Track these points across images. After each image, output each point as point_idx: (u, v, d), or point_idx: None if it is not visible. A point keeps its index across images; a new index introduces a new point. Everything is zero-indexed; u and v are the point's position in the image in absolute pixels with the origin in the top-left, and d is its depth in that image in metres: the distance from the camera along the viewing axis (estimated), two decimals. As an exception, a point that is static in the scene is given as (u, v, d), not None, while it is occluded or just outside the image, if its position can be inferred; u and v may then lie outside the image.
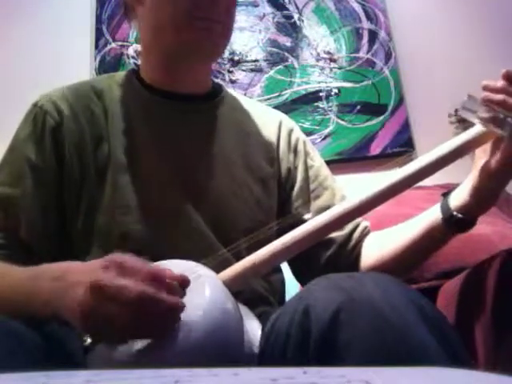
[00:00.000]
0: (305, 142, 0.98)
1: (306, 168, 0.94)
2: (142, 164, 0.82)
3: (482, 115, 0.67)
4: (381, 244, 0.86)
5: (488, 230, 1.16)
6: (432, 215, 0.78)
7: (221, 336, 0.57)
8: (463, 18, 2.05)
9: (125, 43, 2.04)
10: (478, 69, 1.91)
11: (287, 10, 2.05)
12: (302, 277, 0.92)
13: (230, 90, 1.00)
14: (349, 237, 0.89)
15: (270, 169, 0.92)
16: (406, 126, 1.89)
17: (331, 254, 0.88)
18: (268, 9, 2.06)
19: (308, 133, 1.82)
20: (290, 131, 0.97)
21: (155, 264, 0.59)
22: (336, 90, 1.94)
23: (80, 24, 2.07)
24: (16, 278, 0.66)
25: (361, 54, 1.99)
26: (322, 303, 0.53)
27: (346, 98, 1.93)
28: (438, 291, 0.98)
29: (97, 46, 2.03)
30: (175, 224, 0.79)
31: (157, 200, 0.80)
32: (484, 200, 0.73)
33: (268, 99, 1.93)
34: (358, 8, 2.04)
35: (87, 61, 2.01)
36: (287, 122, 0.99)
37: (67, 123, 0.82)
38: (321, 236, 0.75)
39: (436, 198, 0.81)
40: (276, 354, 0.57)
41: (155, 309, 0.54)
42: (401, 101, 1.92)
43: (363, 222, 0.91)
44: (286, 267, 0.92)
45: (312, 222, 0.71)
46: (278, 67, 1.98)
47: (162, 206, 0.80)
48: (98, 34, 2.05)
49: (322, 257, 0.88)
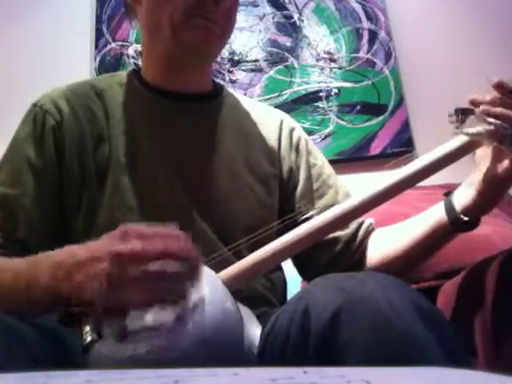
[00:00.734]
0: (306, 141, 0.98)
1: (309, 167, 0.94)
2: (142, 164, 0.82)
3: (481, 129, 0.67)
4: (387, 241, 0.87)
5: (488, 230, 1.16)
6: (437, 215, 0.78)
7: (220, 335, 0.57)
8: (463, 18, 2.05)
9: (125, 43, 2.04)
10: (477, 69, 1.92)
11: (287, 9, 2.05)
12: (308, 275, 0.92)
13: (230, 89, 1.00)
14: (354, 235, 0.89)
15: (272, 168, 0.92)
16: (406, 126, 1.89)
17: (337, 252, 0.88)
18: (268, 9, 2.05)
19: (308, 133, 1.79)
20: (292, 130, 0.97)
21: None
22: (336, 90, 1.94)
23: (80, 24, 2.07)
24: (16, 267, 0.66)
25: (361, 54, 1.99)
26: (322, 303, 0.53)
27: (345, 97, 1.93)
28: (438, 291, 0.98)
29: (97, 46, 2.03)
30: (177, 224, 0.79)
31: (158, 200, 0.80)
32: (488, 203, 0.74)
33: (268, 99, 1.93)
34: (357, 8, 2.04)
35: (87, 61, 2.01)
36: (288, 121, 0.99)
37: (67, 123, 0.82)
38: (321, 236, 0.75)
39: (435, 198, 0.81)
40: (276, 354, 0.57)
41: (178, 264, 0.54)
42: (401, 101, 1.92)
43: (367, 220, 0.92)
44: (286, 267, 0.92)
45: (312, 222, 0.71)
46: (278, 67, 1.98)
47: (162, 206, 0.80)
48: (98, 34, 2.05)
49: (328, 255, 0.88)
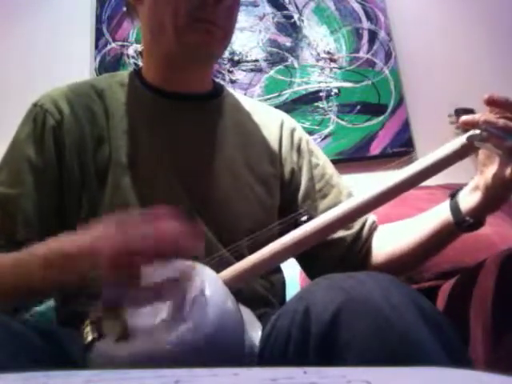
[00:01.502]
0: (308, 141, 0.98)
1: (311, 167, 0.94)
2: (143, 164, 0.82)
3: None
4: (393, 239, 0.87)
5: (488, 230, 1.16)
6: (442, 215, 0.78)
7: (221, 336, 0.57)
8: (463, 18, 2.05)
9: (125, 43, 2.04)
10: (477, 69, 1.92)
11: (287, 9, 2.05)
12: (314, 274, 0.92)
13: (231, 90, 0.99)
14: (358, 235, 0.89)
15: (272, 169, 0.91)
16: (406, 126, 1.89)
17: (342, 253, 0.88)
18: (268, 9, 2.05)
19: (308, 133, 1.78)
20: (293, 130, 0.97)
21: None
22: (336, 90, 1.94)
23: (80, 24, 2.07)
24: (14, 256, 0.68)
25: (361, 54, 1.99)
26: (322, 303, 0.53)
27: (345, 97, 1.93)
28: (438, 291, 0.98)
29: (97, 46, 2.03)
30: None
31: (158, 200, 0.80)
32: (493, 206, 0.74)
33: (268, 99, 1.93)
34: (357, 8, 2.04)
35: (87, 61, 2.01)
36: (289, 121, 0.99)
37: (68, 122, 0.82)
38: (321, 237, 0.75)
39: (437, 198, 0.81)
40: (276, 354, 0.57)
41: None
42: (401, 101, 1.92)
43: (370, 217, 0.91)
44: (286, 268, 0.92)
45: (312, 223, 0.71)
46: (278, 67, 1.98)
47: (163, 207, 0.80)
48: (98, 34, 2.05)
49: (333, 256, 0.88)
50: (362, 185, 0.72)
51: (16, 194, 0.78)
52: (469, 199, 0.75)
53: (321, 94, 1.94)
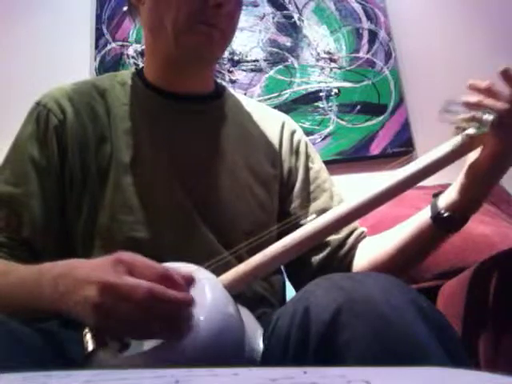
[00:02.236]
0: (307, 144, 0.98)
1: (307, 170, 0.95)
2: (144, 164, 0.81)
3: (462, 117, 0.68)
4: (373, 248, 0.86)
5: (488, 230, 1.16)
6: (422, 216, 0.78)
7: (222, 339, 0.56)
8: (463, 18, 2.04)
9: (125, 43, 2.03)
10: (477, 69, 1.91)
11: (287, 9, 2.05)
12: (295, 280, 0.92)
13: (232, 90, 0.99)
14: (344, 241, 0.88)
15: (273, 170, 0.92)
16: (406, 126, 1.89)
17: (324, 256, 0.88)
18: (268, 9, 2.05)
19: (308, 133, 1.81)
20: (293, 132, 0.97)
21: (162, 265, 0.59)
22: (336, 90, 1.94)
23: (80, 24, 2.07)
24: (19, 276, 0.66)
25: (361, 54, 1.99)
26: (322, 303, 0.53)
27: (345, 97, 1.93)
28: (438, 291, 0.98)
29: (97, 46, 2.03)
30: (177, 225, 0.79)
31: (159, 201, 0.80)
32: (473, 197, 0.74)
33: (268, 99, 1.93)
34: (357, 8, 2.04)
35: (87, 61, 2.01)
36: (290, 123, 0.99)
37: (70, 122, 0.82)
38: (321, 238, 0.75)
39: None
40: (276, 355, 0.57)
41: (166, 306, 0.54)
42: (401, 101, 1.92)
43: (360, 228, 0.91)
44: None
45: (312, 224, 0.71)
46: (278, 67, 1.98)
47: (164, 207, 0.80)
48: (98, 34, 2.05)
49: (315, 260, 0.88)
50: (362, 185, 0.72)
51: (21, 192, 0.78)
52: (448, 194, 0.75)
53: (321, 94, 1.94)
